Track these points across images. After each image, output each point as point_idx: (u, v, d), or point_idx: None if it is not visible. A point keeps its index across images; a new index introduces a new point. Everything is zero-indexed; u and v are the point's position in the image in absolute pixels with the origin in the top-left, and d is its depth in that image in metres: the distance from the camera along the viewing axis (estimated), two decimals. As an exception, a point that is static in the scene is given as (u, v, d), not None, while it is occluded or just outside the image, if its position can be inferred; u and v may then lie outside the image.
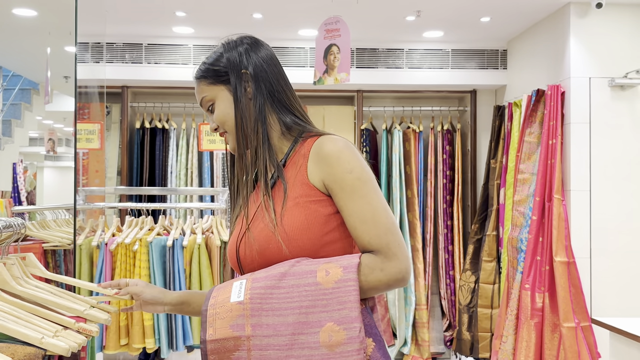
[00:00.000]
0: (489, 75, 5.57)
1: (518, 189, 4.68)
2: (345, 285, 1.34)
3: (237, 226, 1.57)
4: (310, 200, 1.45)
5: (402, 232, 5.64)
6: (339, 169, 1.44)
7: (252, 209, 1.54)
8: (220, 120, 1.59)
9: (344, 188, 1.43)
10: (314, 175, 1.47)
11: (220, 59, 1.61)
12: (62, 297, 1.51)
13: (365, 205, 1.42)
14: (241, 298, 1.33)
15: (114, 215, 4.96)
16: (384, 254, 1.40)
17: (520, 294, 4.48)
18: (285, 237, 1.42)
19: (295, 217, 1.44)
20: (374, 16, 4.81)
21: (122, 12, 4.72)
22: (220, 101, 1.59)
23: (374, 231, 1.41)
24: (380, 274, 1.38)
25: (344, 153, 1.45)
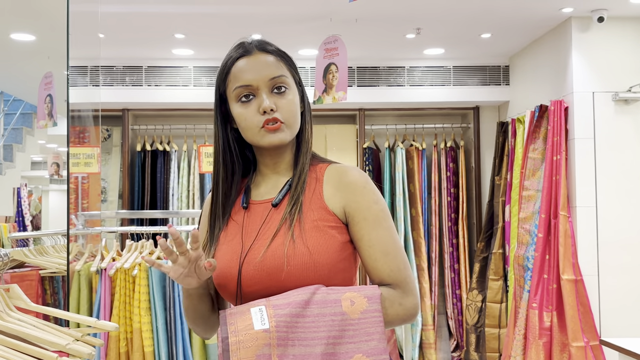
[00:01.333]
0: (492, 92, 5.53)
1: (523, 206, 4.62)
2: (371, 316, 1.31)
3: (225, 244, 1.46)
4: (329, 225, 1.41)
5: (407, 251, 5.57)
6: (364, 199, 1.41)
7: (252, 225, 1.45)
8: (291, 110, 1.46)
9: (367, 218, 1.41)
10: (333, 201, 1.43)
11: (286, 54, 1.52)
12: (45, 330, 1.45)
13: (388, 238, 1.41)
14: (266, 326, 1.26)
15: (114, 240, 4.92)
16: (403, 289, 1.39)
17: (527, 313, 4.40)
18: (308, 260, 1.35)
19: (316, 239, 1.38)
20: (373, 34, 4.78)
21: (121, 35, 4.71)
22: (294, 93, 1.48)
23: (395, 264, 1.39)
24: (399, 309, 1.37)
25: (369, 184, 1.44)
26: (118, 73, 5.29)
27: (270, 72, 1.45)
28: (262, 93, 1.44)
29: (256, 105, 1.44)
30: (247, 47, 1.48)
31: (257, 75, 1.44)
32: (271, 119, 1.42)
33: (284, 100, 1.44)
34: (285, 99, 1.45)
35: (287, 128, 1.45)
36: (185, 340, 3.58)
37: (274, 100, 1.44)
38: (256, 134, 1.44)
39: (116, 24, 4.44)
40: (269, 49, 1.48)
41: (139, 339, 3.55)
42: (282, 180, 1.50)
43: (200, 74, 5.34)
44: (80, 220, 4.08)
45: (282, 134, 1.44)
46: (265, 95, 1.44)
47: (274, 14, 4.32)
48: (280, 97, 1.45)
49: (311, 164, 1.51)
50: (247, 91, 1.45)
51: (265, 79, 1.44)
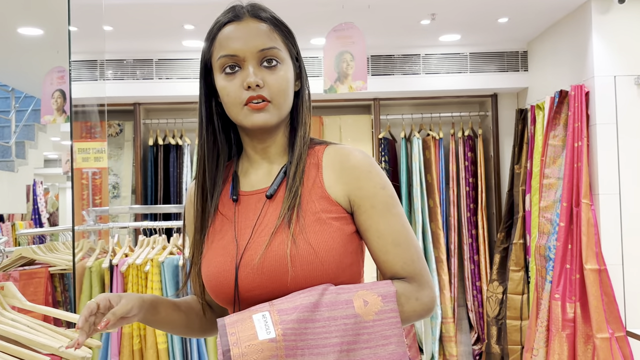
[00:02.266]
0: (510, 78, 5.39)
1: (544, 194, 4.49)
2: (387, 317, 1.19)
3: (216, 243, 1.33)
4: (332, 217, 1.26)
5: (425, 242, 5.46)
6: (370, 184, 1.28)
7: (245, 221, 1.30)
8: (280, 88, 1.29)
9: (375, 205, 1.27)
10: (335, 189, 1.28)
11: (284, 23, 1.35)
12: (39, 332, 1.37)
13: (399, 227, 1.28)
14: (272, 335, 1.13)
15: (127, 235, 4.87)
16: (418, 282, 1.27)
17: (550, 304, 4.29)
18: (314, 259, 1.21)
19: (319, 234, 1.23)
20: (387, 21, 4.67)
21: (130, 28, 4.64)
22: (287, 68, 1.31)
23: (407, 255, 1.27)
24: (415, 304, 1.25)
25: (375, 167, 1.30)
26: (128, 67, 5.23)
27: (261, 43, 1.28)
28: (248, 65, 1.28)
29: (241, 79, 1.28)
30: (238, 12, 1.32)
31: (244, 45, 1.28)
32: (256, 96, 1.26)
33: (273, 76, 1.28)
34: (275, 74, 1.28)
35: (273, 108, 1.28)
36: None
37: (262, 74, 1.28)
38: (239, 112, 1.29)
39: (124, 16, 4.37)
40: (263, 15, 1.32)
41: (153, 336, 3.49)
42: (275, 167, 1.35)
43: (211, 66, 5.25)
44: (92, 216, 4.03)
45: (267, 115, 1.28)
46: (252, 68, 1.28)
47: (284, 2, 4.22)
48: (269, 71, 1.28)
49: (308, 147, 1.36)
50: (232, 62, 1.29)
51: (253, 49, 1.28)
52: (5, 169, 5.61)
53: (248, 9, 1.33)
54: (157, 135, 5.60)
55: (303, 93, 1.37)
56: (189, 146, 5.60)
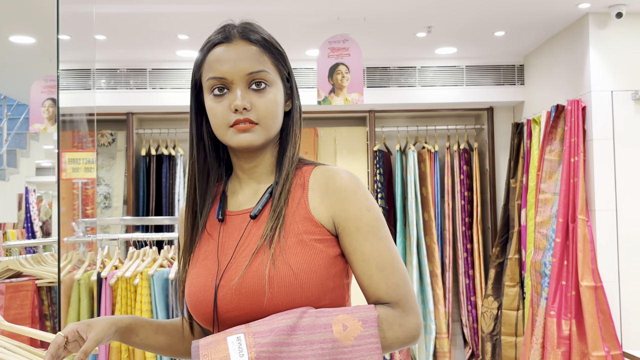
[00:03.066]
0: (506, 92, 5.36)
1: (540, 209, 4.45)
2: (367, 342, 1.15)
3: (199, 263, 1.32)
4: (315, 238, 1.24)
5: (420, 256, 5.42)
6: (355, 206, 1.25)
7: (229, 241, 1.29)
8: (268, 110, 1.28)
9: (360, 228, 1.24)
10: (319, 211, 1.26)
11: (276, 44, 1.34)
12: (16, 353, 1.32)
13: (384, 250, 1.25)
14: (245, 358, 1.10)
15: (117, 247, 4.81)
16: (402, 308, 1.23)
17: (545, 321, 4.24)
18: (293, 281, 1.19)
19: (300, 256, 1.21)
20: (383, 33, 4.64)
21: (124, 37, 4.59)
22: (276, 91, 1.30)
23: (392, 280, 1.24)
24: (398, 330, 1.21)
25: (361, 188, 1.28)
26: (122, 76, 5.18)
27: (249, 66, 1.27)
28: (236, 88, 1.27)
29: (228, 101, 1.27)
30: (228, 33, 1.31)
31: (233, 68, 1.27)
32: (242, 119, 1.26)
33: (261, 99, 1.27)
34: (263, 97, 1.28)
35: (260, 130, 1.28)
36: (188, 352, 3.44)
37: (249, 97, 1.27)
38: (225, 132, 1.28)
39: (118, 25, 4.33)
40: (253, 37, 1.31)
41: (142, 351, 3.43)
42: (262, 187, 1.34)
43: (205, 76, 5.21)
44: (81, 227, 3.97)
45: (252, 135, 1.27)
46: (239, 91, 1.27)
47: (280, 13, 4.19)
48: (257, 94, 1.28)
49: (297, 167, 1.34)
50: (221, 84, 1.28)
51: (242, 72, 1.27)
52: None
53: (239, 30, 1.32)
54: (150, 145, 5.54)
55: (294, 113, 1.36)
56: (182, 157, 5.55)
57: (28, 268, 3.26)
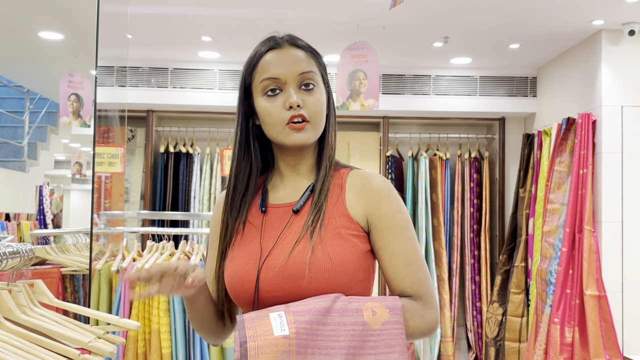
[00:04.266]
0: (518, 103, 5.48)
1: (547, 219, 4.56)
2: (393, 327, 1.26)
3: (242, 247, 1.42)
4: (351, 233, 1.36)
5: (428, 261, 5.53)
6: (388, 207, 1.38)
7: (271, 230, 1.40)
8: (317, 109, 1.40)
9: (391, 227, 1.37)
10: (355, 209, 1.39)
11: (316, 52, 1.47)
12: (68, 327, 1.44)
13: (411, 248, 1.37)
14: (286, 332, 1.21)
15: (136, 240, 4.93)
16: (424, 301, 1.35)
17: (549, 328, 4.34)
18: (330, 267, 1.31)
19: (337, 247, 1.33)
20: (400, 42, 4.76)
21: (148, 37, 4.73)
22: (321, 91, 1.42)
23: (417, 275, 1.36)
24: (419, 321, 1.33)
25: (393, 191, 1.41)
26: (144, 74, 5.31)
27: (300, 67, 1.40)
28: (289, 88, 1.39)
29: (282, 100, 1.38)
30: (278, 41, 1.44)
31: (286, 69, 1.39)
32: (297, 115, 1.37)
33: (311, 98, 1.39)
34: (312, 96, 1.40)
35: (312, 128, 1.39)
36: (204, 342, 3.56)
37: (301, 96, 1.39)
38: (280, 131, 1.39)
39: (143, 25, 4.46)
40: (300, 43, 1.44)
41: (157, 340, 3.54)
42: (303, 182, 1.45)
43: (225, 77, 5.34)
44: (102, 220, 4.09)
45: (307, 134, 1.39)
46: (292, 90, 1.38)
47: (301, 19, 4.32)
48: (308, 94, 1.40)
49: (334, 169, 1.46)
50: (275, 85, 1.39)
51: (294, 73, 1.39)
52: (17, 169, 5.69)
53: (286, 39, 1.44)
54: (169, 143, 5.68)
55: (330, 117, 1.47)
56: (199, 155, 5.68)
57: (53, 256, 3.38)
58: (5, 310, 1.40)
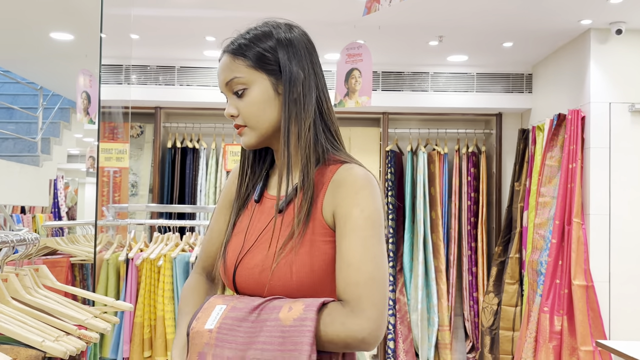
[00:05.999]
0: (514, 99, 5.63)
1: (539, 212, 4.72)
2: (302, 324, 1.18)
3: (234, 237, 1.44)
4: (322, 240, 1.31)
5: (426, 252, 5.70)
6: (350, 202, 1.28)
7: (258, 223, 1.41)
8: (249, 112, 1.37)
9: (346, 223, 1.27)
10: (327, 210, 1.32)
11: (267, 41, 1.40)
12: (68, 307, 1.64)
13: (356, 248, 1.24)
14: (212, 326, 1.24)
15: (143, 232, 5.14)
16: (352, 307, 1.21)
17: (539, 316, 4.51)
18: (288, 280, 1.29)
19: (304, 256, 1.29)
20: (397, 41, 4.93)
21: (155, 37, 4.92)
22: (256, 90, 1.37)
23: (354, 278, 1.22)
24: (340, 328, 1.19)
25: (366, 189, 1.30)
26: (152, 72, 5.51)
27: (225, 77, 1.39)
28: (228, 98, 1.41)
29: None
30: (222, 50, 1.43)
31: (219, 82, 1.42)
32: (235, 124, 1.41)
33: (242, 103, 1.38)
34: (243, 101, 1.38)
35: (249, 130, 1.39)
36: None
37: (236, 103, 1.39)
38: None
39: (151, 25, 4.65)
40: (231, 48, 1.39)
41: (162, 326, 3.73)
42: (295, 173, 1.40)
43: (230, 75, 5.51)
44: (111, 212, 4.29)
45: (246, 137, 1.40)
46: (229, 100, 1.41)
47: (301, 20, 4.46)
48: (240, 99, 1.38)
49: (326, 163, 1.39)
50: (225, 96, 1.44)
51: (223, 84, 1.40)
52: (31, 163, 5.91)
53: (225, 46, 1.42)
54: (176, 138, 5.88)
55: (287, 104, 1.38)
56: (205, 150, 5.88)
57: (63, 246, 3.58)
58: (12, 291, 1.60)
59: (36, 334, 1.42)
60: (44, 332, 1.45)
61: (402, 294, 5.84)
